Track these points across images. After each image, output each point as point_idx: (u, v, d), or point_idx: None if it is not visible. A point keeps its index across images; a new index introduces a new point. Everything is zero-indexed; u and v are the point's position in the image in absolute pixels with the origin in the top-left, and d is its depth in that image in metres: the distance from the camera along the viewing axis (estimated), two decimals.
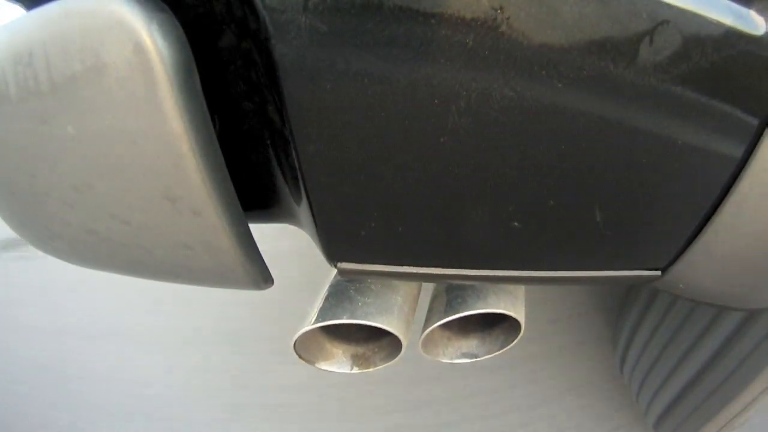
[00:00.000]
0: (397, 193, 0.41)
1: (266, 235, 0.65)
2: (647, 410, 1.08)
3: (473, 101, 0.36)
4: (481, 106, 0.36)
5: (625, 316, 1.17)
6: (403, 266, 0.47)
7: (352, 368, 0.59)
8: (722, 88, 0.36)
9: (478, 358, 0.62)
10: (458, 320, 0.55)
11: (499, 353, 0.61)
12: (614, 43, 0.34)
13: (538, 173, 0.39)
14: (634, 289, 1.14)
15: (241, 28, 0.41)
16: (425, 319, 0.58)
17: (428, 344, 0.60)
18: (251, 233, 0.46)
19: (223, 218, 0.42)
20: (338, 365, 0.60)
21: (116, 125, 0.37)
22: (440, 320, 0.55)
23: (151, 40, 0.34)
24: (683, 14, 0.33)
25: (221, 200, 0.41)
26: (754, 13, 0.34)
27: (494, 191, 0.41)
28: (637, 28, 0.33)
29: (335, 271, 0.49)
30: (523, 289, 0.59)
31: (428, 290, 0.62)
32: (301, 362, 0.57)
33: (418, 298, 0.61)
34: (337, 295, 0.55)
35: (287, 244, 1.33)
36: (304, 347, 0.57)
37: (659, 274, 0.48)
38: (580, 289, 1.54)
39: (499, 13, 0.33)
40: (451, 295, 0.57)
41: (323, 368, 0.59)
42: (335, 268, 0.48)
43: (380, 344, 0.60)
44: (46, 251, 0.54)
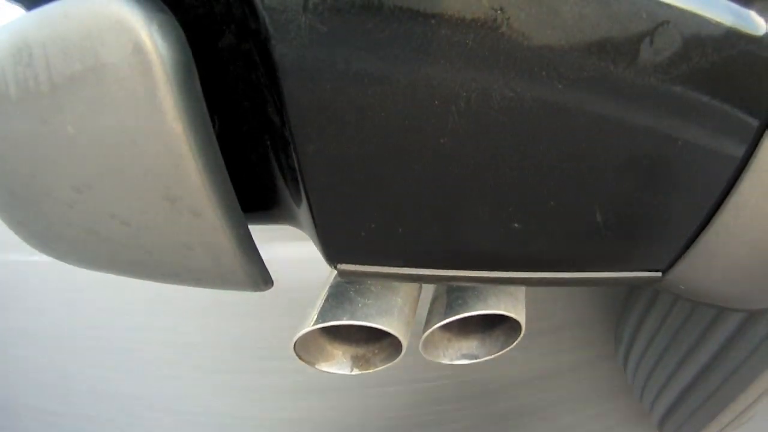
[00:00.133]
0: (397, 193, 0.41)
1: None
2: (651, 409, 1.08)
3: (473, 102, 0.36)
4: (481, 106, 0.36)
5: (626, 316, 1.17)
6: (403, 267, 0.47)
7: (352, 369, 0.59)
8: (722, 88, 0.36)
9: (478, 359, 0.62)
10: (458, 321, 0.55)
11: (499, 354, 0.61)
12: (614, 43, 0.34)
13: (538, 174, 0.39)
14: (635, 290, 1.14)
15: (240, 28, 0.41)
16: (425, 320, 0.58)
17: (428, 345, 0.60)
18: (251, 234, 0.46)
19: (222, 219, 0.42)
20: (338, 366, 0.60)
21: (116, 125, 0.37)
22: (441, 321, 0.55)
23: (150, 40, 0.34)
24: (683, 15, 0.33)
25: (221, 201, 0.41)
26: (754, 13, 0.34)
27: (494, 192, 0.41)
28: (637, 28, 0.33)
29: (335, 272, 0.49)
30: (523, 290, 0.59)
31: (428, 291, 0.62)
32: (301, 363, 0.57)
33: (418, 299, 0.61)
34: (337, 296, 0.54)
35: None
36: (304, 348, 0.57)
37: (660, 275, 0.48)
38: (580, 289, 1.54)
39: (499, 13, 0.33)
40: (451, 296, 0.57)
41: (323, 369, 0.59)
42: (335, 269, 0.48)
43: (380, 345, 0.60)
44: (45, 252, 0.54)
